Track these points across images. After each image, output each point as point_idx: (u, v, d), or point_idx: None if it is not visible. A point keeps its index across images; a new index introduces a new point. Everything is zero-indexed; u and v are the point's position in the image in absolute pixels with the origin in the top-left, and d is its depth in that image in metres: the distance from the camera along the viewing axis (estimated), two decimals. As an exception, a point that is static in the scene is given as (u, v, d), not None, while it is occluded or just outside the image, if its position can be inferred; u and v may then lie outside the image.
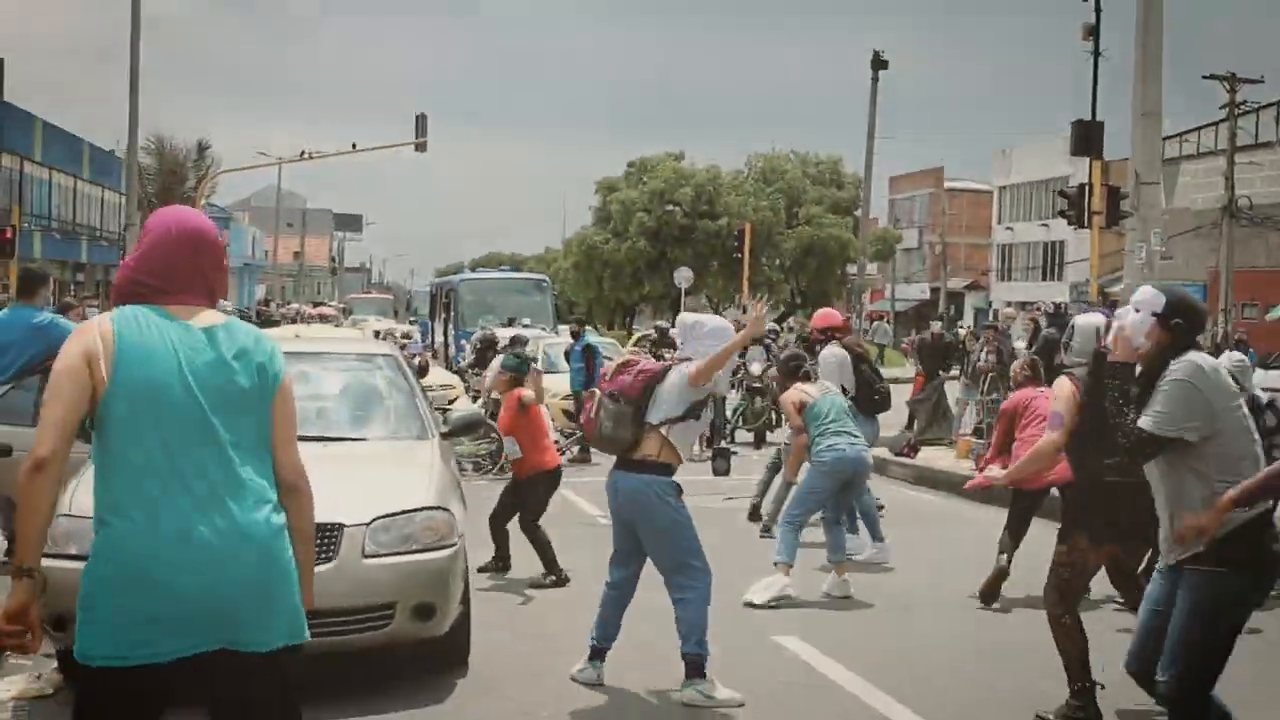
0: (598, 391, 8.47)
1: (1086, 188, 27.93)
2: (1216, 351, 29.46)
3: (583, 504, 16.35)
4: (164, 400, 4.09)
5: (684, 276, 56.64)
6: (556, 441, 14.23)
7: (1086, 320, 8.42)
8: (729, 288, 72.21)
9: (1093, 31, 30.69)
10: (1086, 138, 27.89)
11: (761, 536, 13.94)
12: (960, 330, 29.40)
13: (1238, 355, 12.91)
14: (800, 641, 9.43)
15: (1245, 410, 6.15)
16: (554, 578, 11.62)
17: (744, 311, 60.55)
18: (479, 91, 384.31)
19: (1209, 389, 6.03)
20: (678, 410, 8.16)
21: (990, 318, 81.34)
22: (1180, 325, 6.24)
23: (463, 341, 36.17)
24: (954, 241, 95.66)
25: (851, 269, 64.37)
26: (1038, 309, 31.92)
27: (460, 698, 8.04)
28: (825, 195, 75.28)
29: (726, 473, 19.94)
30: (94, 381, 4.04)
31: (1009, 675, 8.83)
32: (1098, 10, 30.95)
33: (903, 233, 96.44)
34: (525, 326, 32.63)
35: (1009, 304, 67.71)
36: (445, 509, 8.16)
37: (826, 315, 15.00)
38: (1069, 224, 28.94)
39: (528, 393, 12.08)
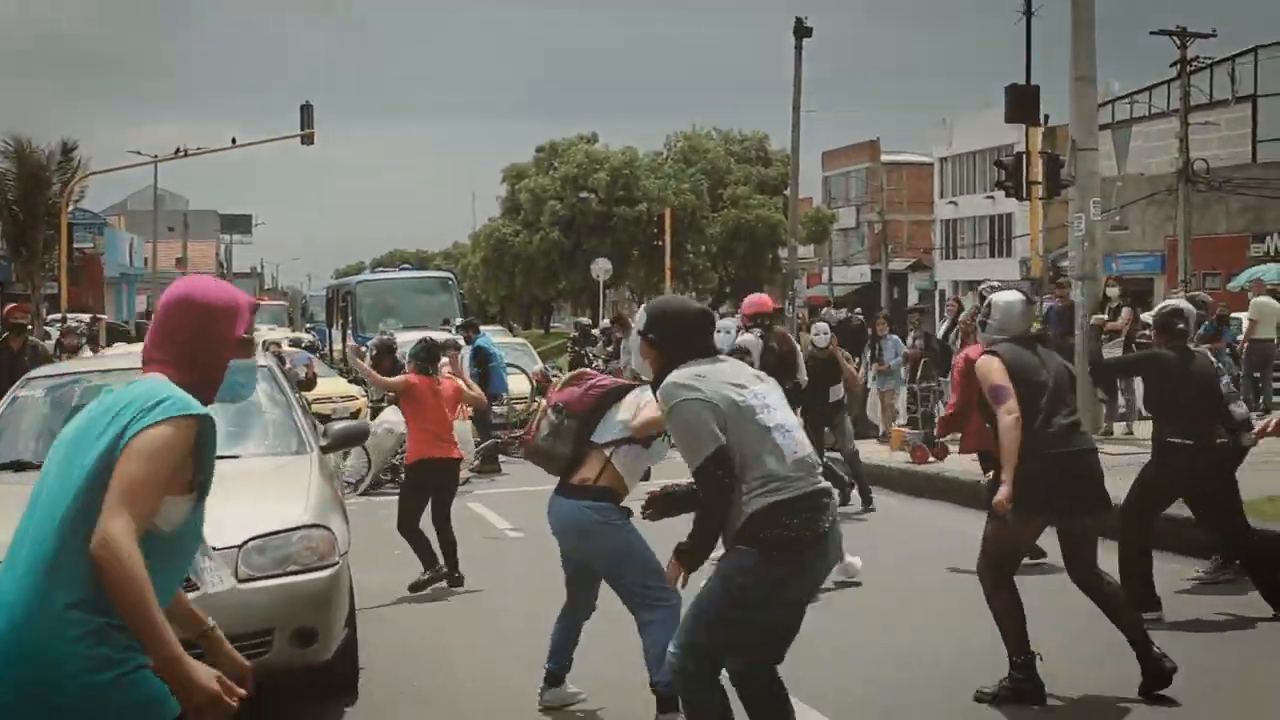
0: (543, 401, 8.52)
1: (1024, 157, 28.38)
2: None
3: (491, 516, 16.59)
4: None
5: (602, 268, 56.79)
6: None
7: (1003, 297, 8.84)
8: (652, 278, 72.47)
9: (1024, -9, 31.15)
10: (1022, 104, 28.18)
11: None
12: (857, 315, 29.69)
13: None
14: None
15: (757, 409, 6.29)
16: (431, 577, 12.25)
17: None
18: (376, 79, 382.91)
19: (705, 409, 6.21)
20: (627, 433, 8.04)
21: (938, 298, 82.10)
22: (657, 339, 6.52)
23: (362, 348, 36.21)
24: (894, 219, 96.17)
25: (784, 253, 64.63)
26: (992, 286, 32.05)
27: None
28: (752, 174, 75.74)
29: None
30: None
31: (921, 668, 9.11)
32: (1030, -31, 31.45)
33: (839, 212, 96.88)
34: (448, 326, 32.49)
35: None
36: (325, 527, 8.32)
37: (756, 301, 15.15)
38: (1007, 196, 29.32)
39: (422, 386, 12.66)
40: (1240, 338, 26.16)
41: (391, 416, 19.36)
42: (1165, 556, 11.44)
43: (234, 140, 52.35)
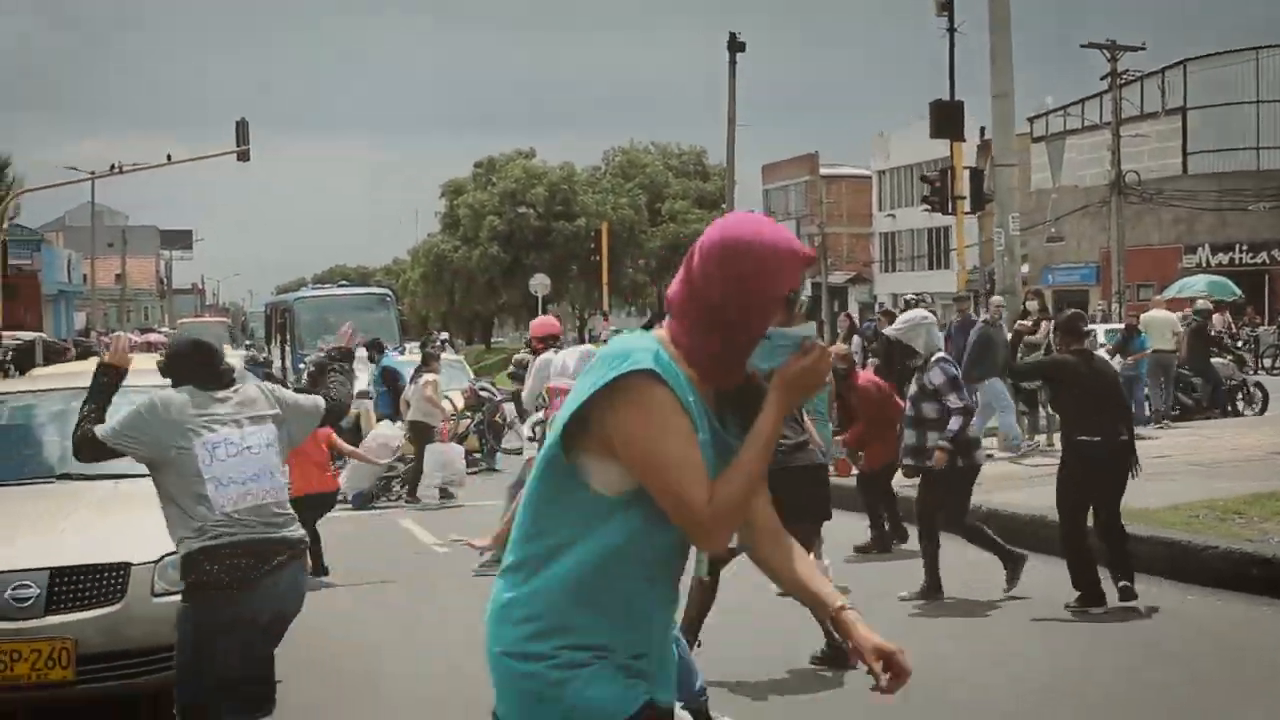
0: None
1: (950, 172, 28.89)
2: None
3: (418, 532, 16.87)
4: None
5: (540, 284, 57.10)
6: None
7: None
8: (591, 293, 72.87)
9: (946, 7, 31.47)
10: (946, 119, 28.69)
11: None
12: None
13: None
14: None
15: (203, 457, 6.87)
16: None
17: (605, 318, 61.21)
18: (317, 95, 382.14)
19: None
20: None
21: (875, 308, 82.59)
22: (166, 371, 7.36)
23: (300, 365, 36.36)
24: (834, 231, 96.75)
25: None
26: (925, 301, 32.70)
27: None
28: (690, 188, 76.29)
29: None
30: None
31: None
32: (951, -15, 31.75)
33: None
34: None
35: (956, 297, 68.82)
36: (241, 542, 8.59)
37: (544, 324, 15.12)
38: (932, 210, 29.80)
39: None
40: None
41: (385, 430, 19.71)
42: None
43: (169, 157, 52.29)
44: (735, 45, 49.99)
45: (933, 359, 11.52)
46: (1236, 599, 10.87)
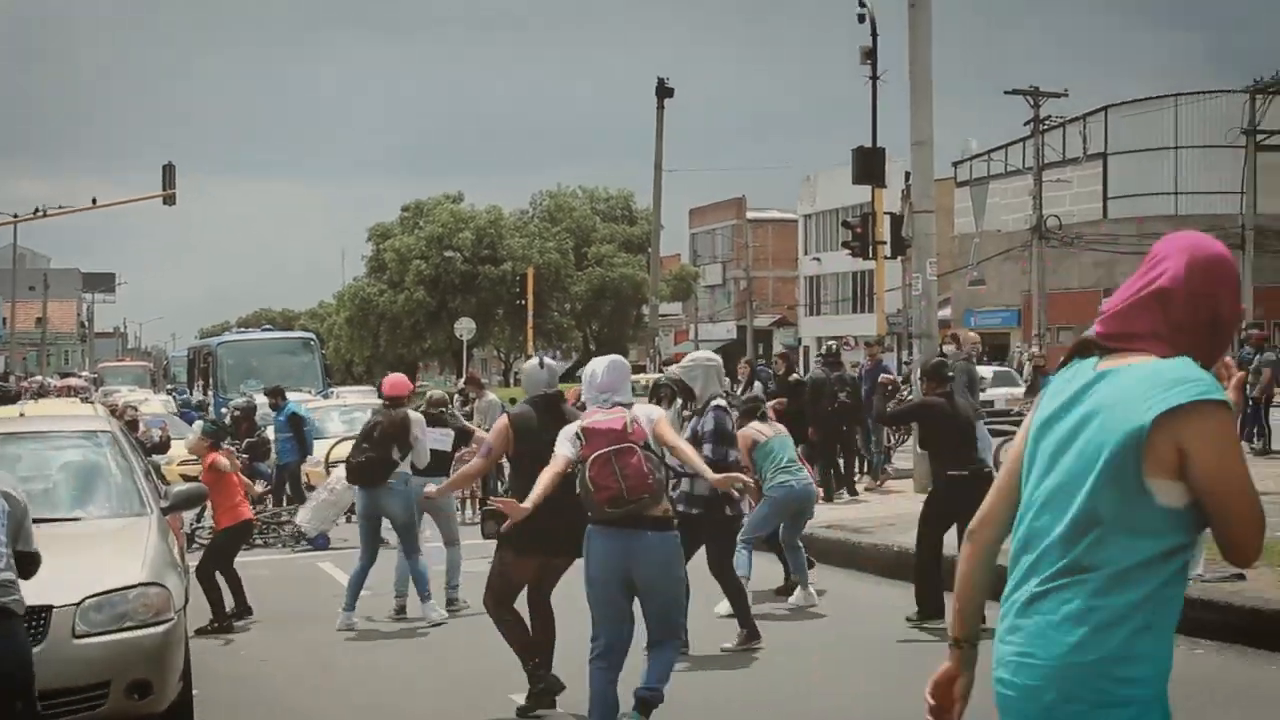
0: (582, 455, 8.50)
1: (871, 217, 29.34)
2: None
3: (339, 575, 16.99)
4: None
5: (465, 328, 57.30)
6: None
7: (529, 364, 10.44)
8: (516, 337, 73.05)
9: (870, 55, 32.00)
10: (867, 165, 29.16)
11: None
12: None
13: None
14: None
15: None
16: (217, 624, 13.49)
17: (529, 357, 61.41)
18: (242, 136, 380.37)
19: None
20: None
21: (802, 355, 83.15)
22: None
23: (223, 409, 36.39)
24: (760, 275, 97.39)
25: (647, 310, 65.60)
26: (847, 345, 33.03)
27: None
28: (617, 232, 76.70)
29: (496, 535, 20.51)
30: None
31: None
32: (874, 34, 32.38)
33: (705, 268, 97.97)
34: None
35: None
36: (161, 584, 8.80)
37: (394, 383, 15.09)
38: (853, 255, 30.23)
39: (223, 460, 14.06)
40: None
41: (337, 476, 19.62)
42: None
43: (94, 200, 52.31)
44: (663, 91, 50.53)
45: (710, 404, 11.41)
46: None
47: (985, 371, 25.53)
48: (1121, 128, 64.30)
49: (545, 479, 8.58)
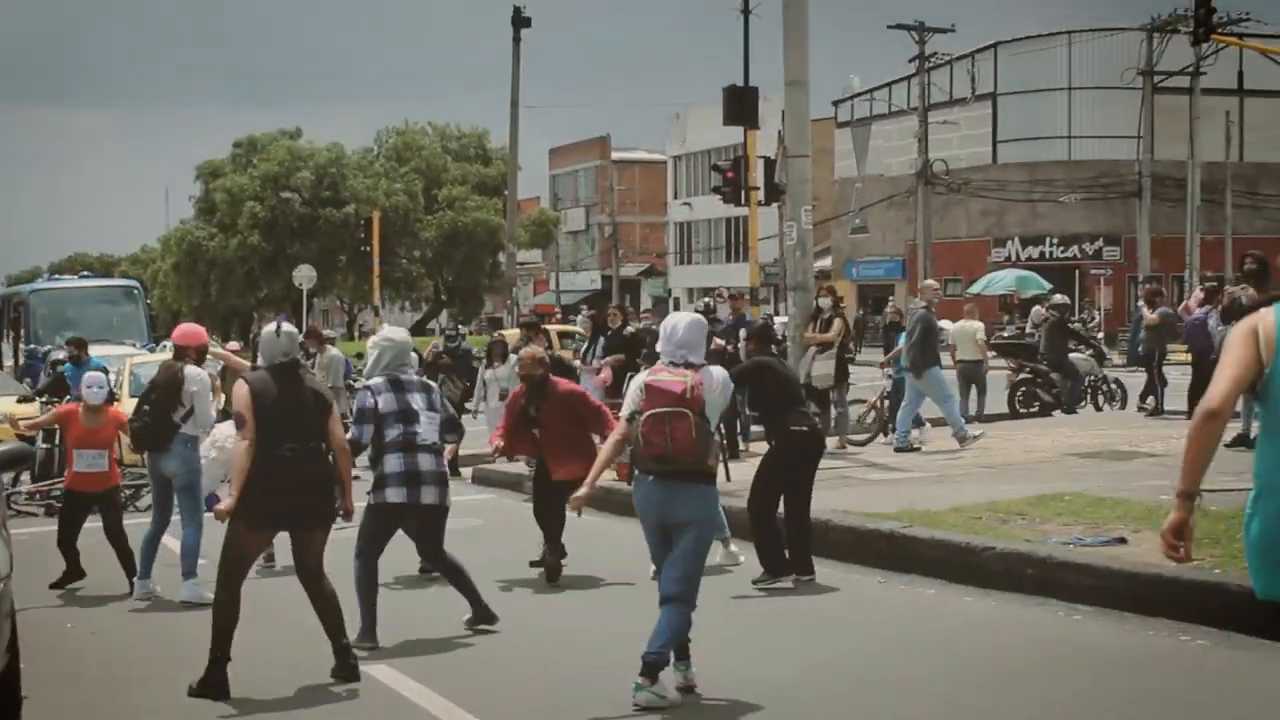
0: (633, 413, 9.47)
1: (743, 161, 29.74)
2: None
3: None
4: None
5: (305, 276, 57.09)
6: None
7: (267, 331, 10.76)
8: (361, 286, 72.86)
9: (743, -12, 32.35)
10: (739, 106, 29.49)
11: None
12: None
13: None
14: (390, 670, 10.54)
15: None
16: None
17: (376, 315, 61.35)
18: (54, 56, 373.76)
19: None
20: (716, 419, 9.80)
21: (671, 305, 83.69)
22: None
23: (36, 363, 36.12)
24: (626, 221, 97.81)
25: (503, 258, 65.71)
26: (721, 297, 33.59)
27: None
28: (470, 174, 76.55)
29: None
30: (1261, 357, 5.90)
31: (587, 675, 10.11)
32: (748, -34, 32.75)
33: (567, 213, 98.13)
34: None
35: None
36: (-19, 550, 8.97)
37: (184, 333, 15.18)
38: (725, 201, 30.62)
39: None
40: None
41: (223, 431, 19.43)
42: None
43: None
44: (520, 20, 50.64)
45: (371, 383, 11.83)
46: (1011, 599, 11.74)
47: (948, 325, 26.02)
48: (1012, 67, 65.33)
49: (607, 449, 10.01)
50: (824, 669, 10.00)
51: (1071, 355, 28.13)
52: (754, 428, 22.94)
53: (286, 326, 10.70)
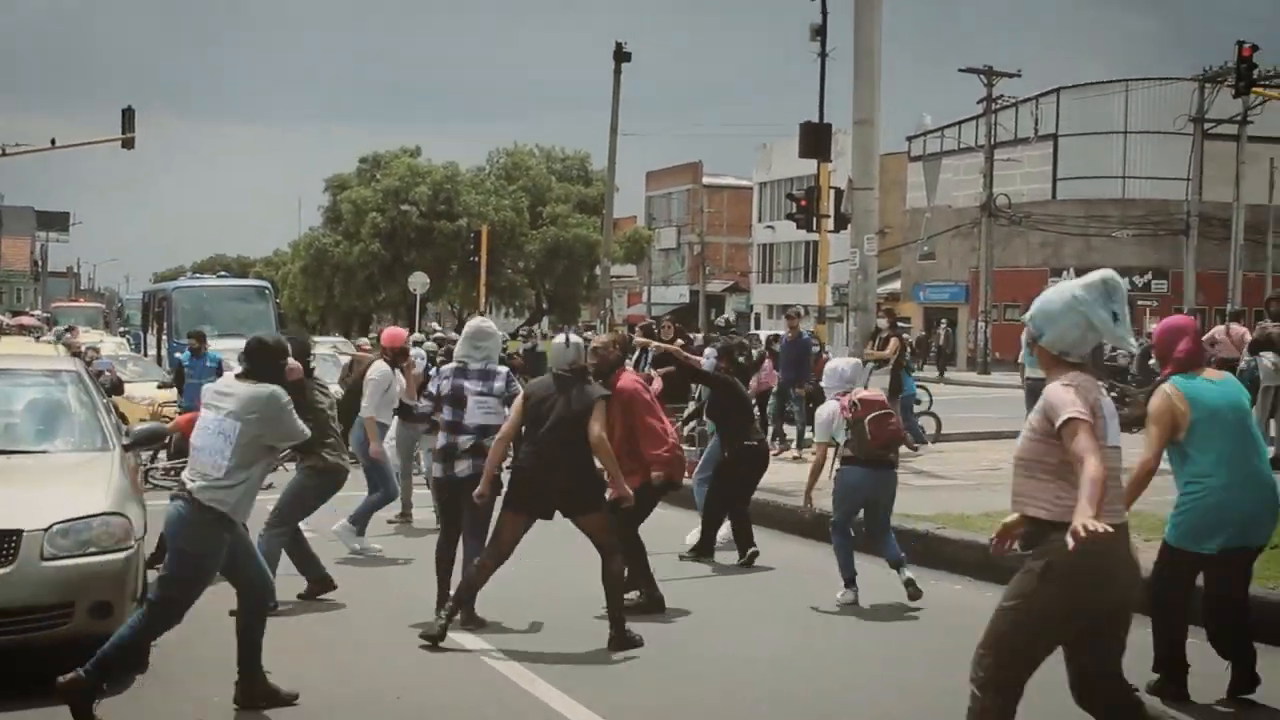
0: (859, 414, 12.10)
1: (815, 190, 30.03)
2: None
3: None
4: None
5: (419, 282, 57.63)
6: None
7: (557, 341, 11.45)
8: (470, 293, 73.43)
9: (819, 32, 32.61)
10: (813, 141, 29.75)
11: None
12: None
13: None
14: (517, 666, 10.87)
15: None
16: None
17: (481, 314, 61.76)
18: (203, 79, 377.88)
19: None
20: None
21: (753, 323, 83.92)
22: None
23: (176, 354, 36.89)
24: (714, 241, 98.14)
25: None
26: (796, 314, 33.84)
27: (138, 690, 9.38)
28: (572, 193, 76.96)
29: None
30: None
31: (699, 681, 10.48)
32: (824, 11, 33.06)
33: (660, 232, 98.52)
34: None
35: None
36: (123, 515, 9.53)
37: (389, 335, 16.15)
38: (798, 227, 30.94)
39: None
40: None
41: None
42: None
43: (54, 141, 52.40)
44: (621, 55, 51.04)
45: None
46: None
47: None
48: (1073, 110, 65.17)
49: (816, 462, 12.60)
50: (858, 647, 10.36)
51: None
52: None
53: (575, 339, 11.36)
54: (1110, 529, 5.86)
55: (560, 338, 11.36)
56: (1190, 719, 8.66)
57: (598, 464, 10.92)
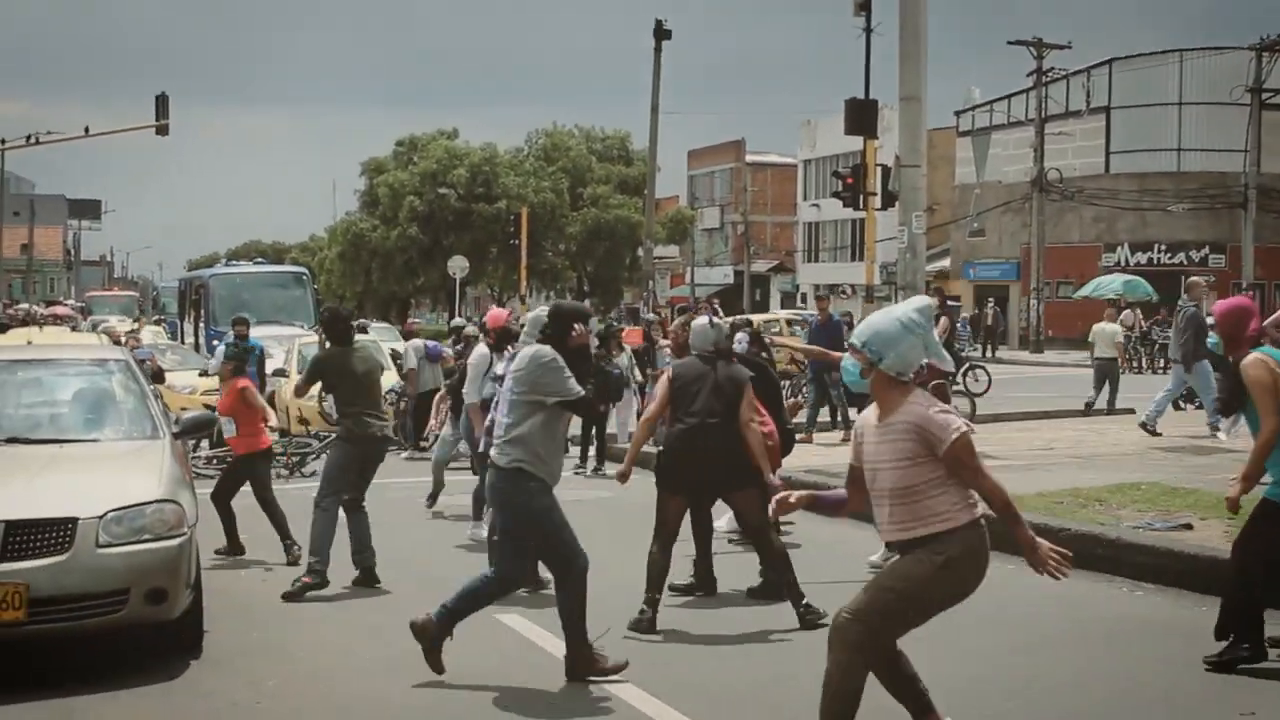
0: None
1: (861, 168, 30.14)
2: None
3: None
4: None
5: (459, 266, 58.00)
6: None
7: (699, 322, 11.58)
8: (510, 276, 73.70)
9: (864, 7, 32.67)
10: (859, 117, 29.86)
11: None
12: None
13: None
14: (521, 619, 11.16)
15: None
16: (292, 546, 13.89)
17: (522, 303, 62.12)
18: (235, 65, 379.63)
19: None
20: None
21: (800, 300, 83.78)
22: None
23: (214, 342, 37.20)
24: (758, 220, 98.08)
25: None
26: (843, 294, 34.23)
27: (193, 675, 9.65)
28: (613, 173, 77.13)
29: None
30: None
31: (734, 656, 10.68)
32: (870, -15, 33.04)
33: (703, 212, 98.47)
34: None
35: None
36: (175, 502, 9.78)
37: (492, 316, 16.29)
38: (844, 205, 31.05)
39: (252, 387, 14.65)
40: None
41: None
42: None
43: (87, 129, 52.98)
44: (661, 33, 51.23)
45: None
46: (1082, 575, 12.17)
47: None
48: (1125, 82, 64.86)
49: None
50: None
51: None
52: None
53: (717, 320, 11.71)
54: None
55: (703, 318, 11.61)
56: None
57: None
